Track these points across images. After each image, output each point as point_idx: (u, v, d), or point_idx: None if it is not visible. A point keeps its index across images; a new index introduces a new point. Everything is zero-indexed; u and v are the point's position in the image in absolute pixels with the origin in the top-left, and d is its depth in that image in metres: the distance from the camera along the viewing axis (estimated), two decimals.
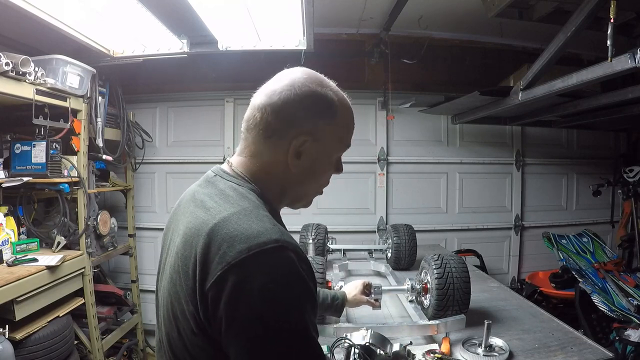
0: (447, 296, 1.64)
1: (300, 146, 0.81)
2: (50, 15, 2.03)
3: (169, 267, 0.80)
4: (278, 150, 0.81)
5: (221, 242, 0.69)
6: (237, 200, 0.77)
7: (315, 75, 0.85)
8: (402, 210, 3.82)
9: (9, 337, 2.01)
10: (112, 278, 3.63)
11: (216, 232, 0.70)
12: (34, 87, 2.28)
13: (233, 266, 0.66)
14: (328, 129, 0.83)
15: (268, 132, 0.81)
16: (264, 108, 0.80)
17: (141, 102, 3.69)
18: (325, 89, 0.83)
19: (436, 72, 3.77)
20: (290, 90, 0.80)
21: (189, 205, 0.82)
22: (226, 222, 0.71)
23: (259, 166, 0.83)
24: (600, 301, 2.59)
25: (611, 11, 1.59)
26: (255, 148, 0.83)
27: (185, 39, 2.59)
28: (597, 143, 4.17)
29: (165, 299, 0.79)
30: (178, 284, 0.74)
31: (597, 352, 1.44)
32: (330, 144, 0.85)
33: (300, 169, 0.83)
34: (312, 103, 0.81)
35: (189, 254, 0.73)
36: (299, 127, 0.80)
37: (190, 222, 0.77)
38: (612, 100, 2.54)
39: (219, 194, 0.79)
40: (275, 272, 0.67)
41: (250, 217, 0.72)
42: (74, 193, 2.68)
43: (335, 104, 0.84)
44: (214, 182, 0.83)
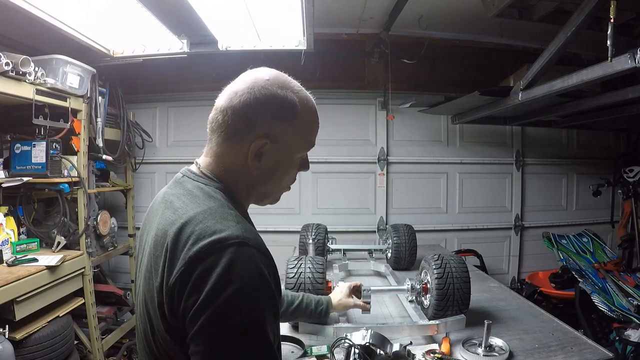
0: (447, 296, 1.64)
1: (260, 148, 0.81)
2: (50, 15, 2.03)
3: (143, 267, 0.83)
4: (239, 152, 0.82)
5: (187, 240, 0.71)
6: (203, 200, 0.79)
7: (277, 77, 0.85)
8: (402, 210, 3.82)
9: (9, 337, 2.01)
10: (112, 278, 3.63)
11: (182, 231, 0.73)
12: (34, 87, 2.28)
13: (194, 261, 0.69)
14: (288, 130, 0.83)
15: (229, 133, 0.82)
16: (225, 110, 0.82)
17: (141, 102, 3.69)
18: (286, 91, 0.83)
19: (436, 72, 3.77)
20: (250, 93, 0.80)
21: (159, 207, 0.84)
22: (192, 220, 0.74)
23: (222, 167, 0.85)
24: (600, 301, 2.59)
25: (611, 11, 1.59)
26: (218, 149, 0.85)
27: (185, 39, 2.59)
28: (597, 143, 4.17)
29: (141, 299, 0.82)
30: (150, 283, 0.77)
31: (597, 352, 1.44)
32: (291, 145, 0.85)
33: (261, 170, 0.84)
34: (271, 106, 0.81)
35: (159, 253, 0.76)
36: (259, 130, 0.81)
37: (160, 223, 0.79)
38: (612, 100, 2.54)
39: (186, 194, 0.81)
40: (235, 267, 0.68)
41: (215, 215, 0.75)
42: (74, 193, 2.68)
43: (296, 106, 0.84)
44: (181, 183, 0.85)
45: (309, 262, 1.76)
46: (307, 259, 1.79)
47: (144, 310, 0.80)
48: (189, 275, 0.69)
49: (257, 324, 0.69)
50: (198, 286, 0.67)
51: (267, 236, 3.51)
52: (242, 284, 0.68)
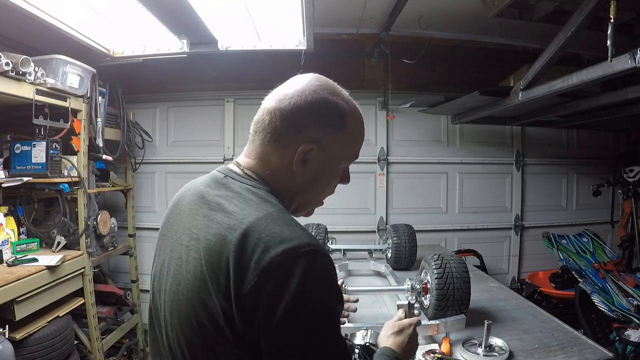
0: (447, 296, 1.64)
1: (306, 154, 0.80)
2: (50, 15, 2.03)
3: (184, 273, 0.76)
4: (284, 156, 0.80)
5: (254, 248, 0.68)
6: (259, 203, 0.75)
7: (327, 83, 0.84)
8: (402, 210, 3.82)
9: (9, 337, 2.00)
10: (112, 278, 3.63)
11: (247, 237, 0.69)
12: (34, 87, 2.28)
13: (268, 270, 0.66)
14: (336, 138, 0.82)
15: (275, 136, 0.80)
16: (273, 112, 0.80)
17: (141, 102, 3.69)
18: (337, 97, 0.82)
19: (436, 72, 3.76)
20: (301, 96, 0.79)
21: (198, 207, 0.80)
22: (255, 226, 0.70)
23: (267, 169, 0.82)
24: (600, 301, 2.59)
25: (611, 11, 1.59)
26: (262, 151, 0.82)
27: (185, 39, 2.59)
28: (597, 143, 4.17)
29: (182, 307, 0.75)
30: (205, 292, 0.71)
31: (597, 352, 1.44)
32: (338, 154, 0.84)
33: (305, 176, 0.82)
34: (322, 111, 0.80)
35: (216, 260, 0.71)
36: (307, 135, 0.79)
37: (212, 227, 0.74)
38: (612, 100, 2.54)
39: (236, 196, 0.77)
40: (310, 275, 0.67)
41: (277, 221, 0.72)
42: (74, 193, 2.68)
43: (347, 114, 0.82)
44: (226, 184, 0.81)
45: None
46: None
47: (189, 320, 0.73)
48: (264, 286, 0.66)
49: (336, 330, 0.71)
50: (276, 297, 0.65)
51: None
52: (320, 293, 0.68)
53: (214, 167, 0.90)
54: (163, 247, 0.86)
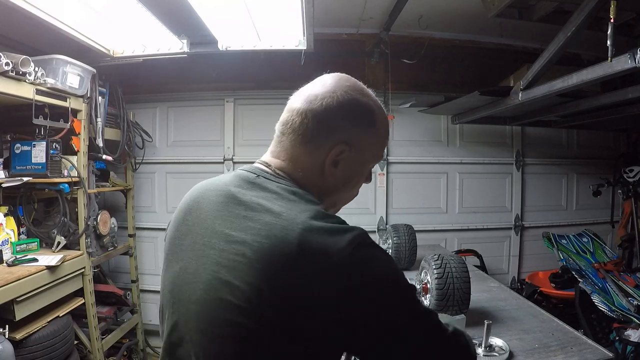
0: (447, 296, 1.64)
1: (339, 155, 0.80)
2: (50, 15, 2.03)
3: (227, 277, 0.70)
4: (316, 157, 0.80)
5: (318, 246, 0.67)
6: (304, 203, 0.74)
7: (356, 83, 0.84)
8: (402, 210, 3.82)
9: (9, 337, 2.01)
10: (112, 278, 3.63)
11: (307, 236, 0.67)
12: (34, 87, 2.28)
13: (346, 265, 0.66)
14: (366, 139, 0.83)
15: (306, 137, 0.79)
16: (304, 113, 0.79)
17: (141, 102, 3.69)
18: (367, 98, 0.83)
19: (436, 72, 3.76)
20: (332, 97, 0.79)
21: (231, 208, 0.76)
22: (314, 224, 0.69)
23: (299, 170, 0.81)
24: (600, 301, 2.59)
25: (611, 11, 1.59)
26: (293, 153, 0.81)
27: (185, 39, 2.59)
28: (597, 143, 4.16)
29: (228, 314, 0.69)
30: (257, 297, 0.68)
31: (597, 352, 1.44)
32: (367, 154, 0.84)
33: (336, 177, 0.82)
34: (354, 112, 0.80)
35: (277, 262, 0.67)
36: (339, 136, 0.79)
37: (261, 230, 0.70)
38: (612, 100, 2.54)
39: (277, 197, 0.75)
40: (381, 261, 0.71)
41: (329, 216, 0.72)
42: (74, 193, 2.68)
43: (375, 114, 0.83)
44: (260, 184, 0.78)
45: None
46: None
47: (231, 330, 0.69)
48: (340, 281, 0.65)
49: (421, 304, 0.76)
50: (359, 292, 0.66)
51: None
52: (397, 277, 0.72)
53: (214, 167, 0.89)
54: (181, 253, 0.80)
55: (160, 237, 3.76)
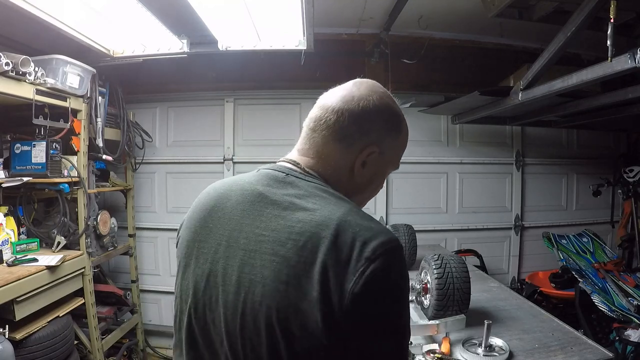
0: (447, 296, 1.65)
1: (368, 156, 0.82)
2: (50, 15, 2.03)
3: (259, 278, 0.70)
4: (347, 156, 0.81)
5: (352, 242, 0.68)
6: (336, 201, 0.75)
7: (386, 91, 0.88)
8: (402, 210, 3.82)
9: (9, 337, 2.01)
10: (112, 278, 3.63)
11: (342, 232, 0.68)
12: (34, 87, 2.28)
13: (373, 261, 0.67)
14: (393, 144, 0.86)
15: (340, 135, 0.80)
16: (341, 111, 0.80)
17: (141, 102, 3.69)
18: (397, 105, 0.88)
19: (436, 72, 3.76)
20: (369, 100, 0.82)
21: (261, 208, 0.76)
22: (347, 222, 0.70)
23: (330, 168, 0.82)
24: (600, 301, 2.59)
25: (611, 11, 1.59)
26: (323, 149, 0.82)
27: (185, 39, 2.59)
28: (597, 143, 4.16)
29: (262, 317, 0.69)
30: (295, 296, 0.67)
31: (597, 352, 1.44)
32: (391, 158, 0.88)
33: (362, 177, 0.84)
34: (387, 117, 0.85)
35: (308, 259, 0.67)
36: (372, 138, 0.82)
37: (294, 227, 0.70)
38: (612, 100, 2.54)
39: (310, 195, 0.75)
40: (403, 269, 0.72)
41: (362, 216, 0.73)
42: (74, 193, 2.68)
43: (402, 121, 0.88)
44: (291, 183, 0.78)
45: None
46: None
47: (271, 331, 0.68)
48: (368, 276, 0.66)
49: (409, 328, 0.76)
50: (378, 289, 0.67)
51: None
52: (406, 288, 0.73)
53: (214, 167, 0.88)
54: (202, 255, 0.79)
55: (160, 237, 3.76)
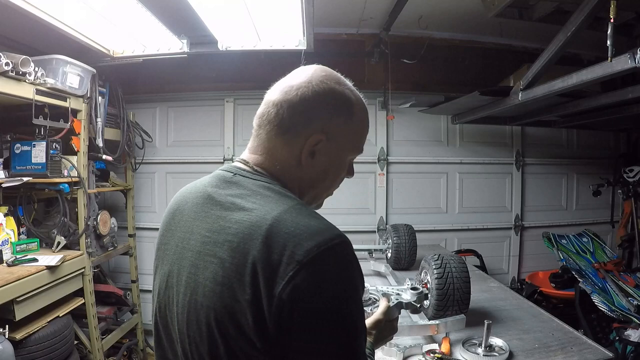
0: (447, 296, 1.64)
1: (315, 145, 0.78)
2: (50, 15, 2.03)
3: (201, 279, 0.71)
4: (292, 148, 0.78)
5: (285, 242, 0.65)
6: (278, 198, 0.73)
7: (332, 73, 0.83)
8: (402, 210, 3.82)
9: (9, 337, 2.01)
10: (112, 278, 3.63)
11: (275, 232, 0.66)
12: (34, 87, 2.28)
13: (305, 265, 0.64)
14: (344, 129, 0.81)
15: (283, 128, 0.78)
16: (280, 104, 0.78)
17: (141, 102, 3.69)
18: (343, 87, 0.82)
19: (436, 72, 3.76)
20: (308, 86, 0.78)
21: (208, 209, 0.76)
22: (281, 221, 0.67)
23: (277, 164, 0.79)
24: (600, 301, 2.59)
25: (611, 11, 1.59)
26: (269, 145, 0.80)
27: (185, 39, 2.59)
28: (597, 143, 4.17)
29: (202, 318, 0.70)
30: (228, 297, 0.67)
31: (597, 352, 1.44)
32: (345, 144, 0.82)
33: (314, 169, 0.80)
34: (330, 101, 0.79)
35: (241, 261, 0.67)
36: (315, 126, 0.78)
37: (231, 228, 0.70)
38: (612, 100, 2.54)
39: (252, 194, 0.74)
40: (345, 268, 0.68)
41: (302, 214, 0.70)
42: (74, 193, 2.68)
43: (352, 103, 0.82)
44: (237, 182, 0.77)
45: None
46: None
47: (210, 330, 0.69)
48: (302, 280, 0.63)
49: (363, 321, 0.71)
50: (312, 294, 0.64)
51: None
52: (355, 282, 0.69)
53: (214, 167, 0.88)
54: (166, 257, 0.82)
55: None
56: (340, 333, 0.66)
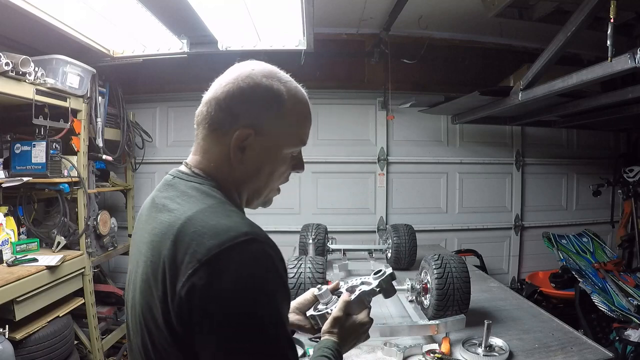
0: (447, 296, 1.64)
1: (244, 140, 0.77)
2: (50, 15, 2.03)
3: (139, 278, 0.76)
4: (223, 145, 0.78)
5: (190, 241, 0.66)
6: (200, 198, 0.75)
7: (263, 67, 0.82)
8: (402, 210, 3.82)
9: (9, 337, 2.01)
10: (112, 278, 3.63)
11: (183, 231, 0.68)
12: (34, 87, 2.28)
13: (204, 264, 0.64)
14: (274, 122, 0.79)
15: (212, 126, 0.79)
16: (209, 102, 0.80)
17: (141, 102, 3.69)
18: (271, 80, 0.80)
19: (436, 72, 3.77)
20: (234, 82, 0.78)
21: (150, 212, 0.80)
22: (192, 220, 0.69)
23: (212, 163, 0.80)
24: (600, 301, 2.59)
25: (611, 11, 1.59)
26: (204, 144, 0.81)
27: (185, 39, 2.59)
28: (597, 143, 4.17)
29: (138, 312, 0.75)
30: (148, 294, 0.71)
31: (597, 352, 1.44)
32: (278, 138, 0.80)
33: (246, 165, 0.79)
34: (256, 95, 0.78)
35: (156, 259, 0.70)
36: (242, 120, 0.77)
37: (156, 228, 0.74)
38: (612, 100, 2.54)
39: (181, 195, 0.76)
40: (248, 266, 0.65)
41: (216, 213, 0.71)
42: (74, 193, 2.68)
43: (282, 96, 0.79)
44: (173, 185, 0.80)
45: (308, 262, 1.76)
46: (307, 259, 1.79)
47: (141, 325, 0.74)
48: (199, 279, 0.63)
49: (278, 328, 0.67)
50: (211, 293, 0.63)
51: None
52: (259, 284, 0.66)
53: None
54: (131, 258, 0.86)
55: None
56: (240, 335, 0.64)
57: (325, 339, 0.91)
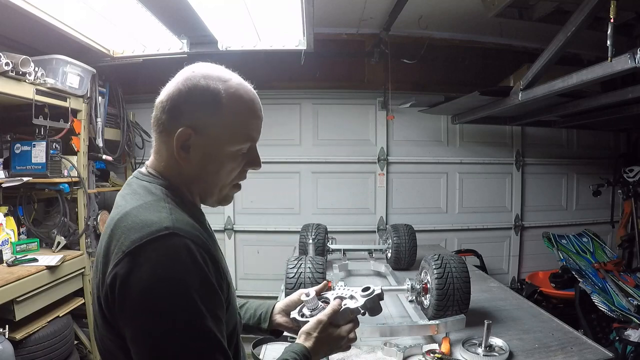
0: (447, 296, 1.64)
1: (186, 140, 0.80)
2: (50, 15, 2.03)
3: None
4: (169, 146, 0.82)
5: (120, 234, 0.72)
6: (142, 195, 0.80)
7: (204, 69, 0.84)
8: (402, 210, 3.82)
9: (9, 337, 2.01)
10: None
11: (118, 225, 0.74)
12: (34, 87, 2.28)
13: (127, 254, 0.69)
14: (213, 121, 0.81)
15: (160, 127, 0.83)
16: (157, 105, 0.84)
17: (141, 102, 3.67)
18: (209, 80, 0.82)
19: (436, 72, 3.76)
20: (175, 85, 0.82)
21: None
22: (127, 215, 0.75)
23: (162, 163, 0.85)
24: (600, 301, 2.59)
25: (611, 11, 1.59)
26: (156, 146, 0.86)
27: (185, 39, 2.59)
28: (597, 143, 4.17)
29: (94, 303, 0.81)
30: (94, 284, 0.78)
31: (597, 352, 1.44)
32: (220, 136, 0.82)
33: (191, 163, 0.82)
34: (193, 96, 0.81)
35: (100, 251, 0.77)
36: (182, 121, 0.80)
37: (107, 223, 0.81)
38: (612, 100, 2.54)
39: (131, 193, 0.82)
40: (166, 258, 0.69)
41: (149, 209, 0.75)
42: (74, 193, 2.68)
43: (219, 95, 0.81)
44: (130, 184, 0.85)
45: (308, 262, 1.76)
46: (307, 259, 1.79)
47: (95, 314, 0.80)
48: (120, 270, 0.68)
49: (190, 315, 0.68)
50: (128, 283, 0.67)
51: (266, 236, 3.54)
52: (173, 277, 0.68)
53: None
54: None
55: None
56: (153, 323, 0.67)
57: (297, 342, 0.92)
